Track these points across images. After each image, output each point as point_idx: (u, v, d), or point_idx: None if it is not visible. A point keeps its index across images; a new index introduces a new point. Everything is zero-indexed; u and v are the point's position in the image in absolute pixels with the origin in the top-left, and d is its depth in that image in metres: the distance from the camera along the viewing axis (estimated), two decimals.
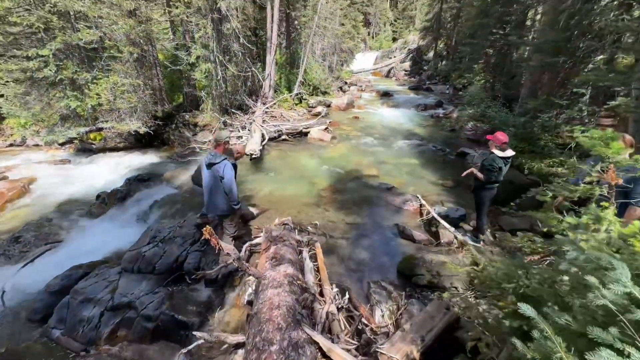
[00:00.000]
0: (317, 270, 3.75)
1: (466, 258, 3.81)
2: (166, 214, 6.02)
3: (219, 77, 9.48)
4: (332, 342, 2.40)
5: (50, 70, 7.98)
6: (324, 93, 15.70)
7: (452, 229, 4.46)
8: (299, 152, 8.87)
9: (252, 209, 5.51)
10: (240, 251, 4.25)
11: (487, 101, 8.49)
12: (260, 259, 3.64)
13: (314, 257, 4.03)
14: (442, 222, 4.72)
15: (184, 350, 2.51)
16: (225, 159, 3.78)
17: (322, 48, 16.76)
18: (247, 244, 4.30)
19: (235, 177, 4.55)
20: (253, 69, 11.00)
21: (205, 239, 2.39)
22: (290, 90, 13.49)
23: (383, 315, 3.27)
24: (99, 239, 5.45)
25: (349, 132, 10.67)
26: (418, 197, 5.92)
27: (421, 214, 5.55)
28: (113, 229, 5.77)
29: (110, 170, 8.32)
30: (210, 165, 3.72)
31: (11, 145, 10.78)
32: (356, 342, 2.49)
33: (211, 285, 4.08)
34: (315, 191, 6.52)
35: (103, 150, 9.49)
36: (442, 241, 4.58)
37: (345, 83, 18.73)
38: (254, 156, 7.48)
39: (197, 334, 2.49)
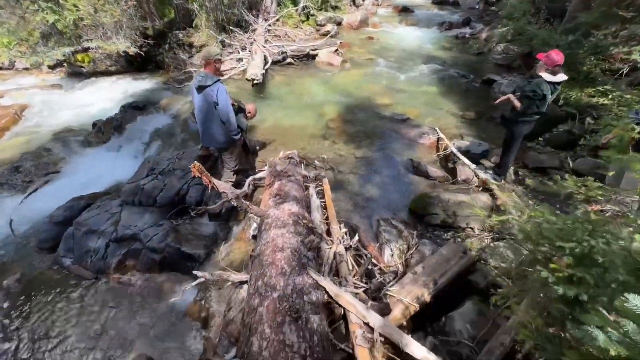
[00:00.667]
0: (325, 208, 3.51)
1: (486, 198, 3.49)
2: (165, 145, 5.70)
3: None
4: (340, 285, 2.25)
5: None
6: (334, 8, 13.64)
7: (473, 165, 4.05)
8: (305, 77, 8.02)
9: (255, 141, 5.11)
10: (243, 186, 4.01)
11: (529, 15, 7.11)
12: (263, 195, 3.39)
13: (321, 194, 3.77)
14: (462, 157, 4.29)
15: (186, 287, 2.42)
16: (219, 80, 3.23)
17: None
18: (250, 179, 4.02)
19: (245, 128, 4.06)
20: None
21: (194, 176, 2.08)
22: (295, 3, 11.68)
23: (392, 255, 3.13)
24: (98, 169, 5.26)
25: (362, 55, 9.50)
26: (435, 130, 5.38)
27: (438, 149, 5.09)
28: (112, 159, 5.54)
29: (103, 96, 7.75)
30: (200, 89, 3.21)
31: (0, 69, 10.04)
32: (365, 285, 2.35)
33: (215, 219, 3.96)
34: (323, 122, 5.99)
35: (94, 74, 8.73)
36: (459, 179, 4.23)
37: None
38: (255, 82, 6.75)
39: (199, 273, 2.37)
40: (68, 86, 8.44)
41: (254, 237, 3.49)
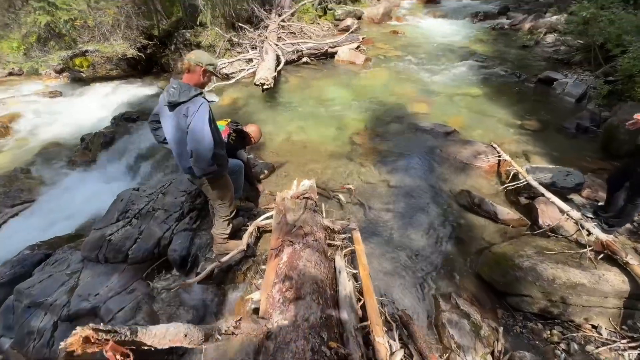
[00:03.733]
0: (357, 274, 2.30)
1: (617, 275, 2.14)
2: (158, 166, 4.62)
3: None
4: None
5: None
6: (354, 1, 12.26)
7: (575, 213, 2.68)
8: (324, 79, 6.76)
9: (261, 164, 3.94)
10: (242, 235, 2.86)
11: None
12: (266, 272, 2.20)
13: (349, 251, 2.57)
14: (553, 197, 2.92)
15: None
16: (200, 94, 2.07)
17: None
18: (252, 226, 2.86)
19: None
20: None
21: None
22: None
23: None
24: (78, 198, 4.26)
25: (387, 52, 8.11)
26: (495, 148, 4.03)
27: (500, 175, 3.76)
28: (97, 184, 4.52)
29: (101, 104, 6.81)
30: (173, 107, 2.05)
31: (10, 74, 9.39)
32: None
33: (205, 281, 2.83)
34: (346, 136, 4.75)
35: (95, 79, 7.84)
36: (542, 223, 2.91)
37: None
38: (266, 87, 5.57)
39: None
40: (68, 93, 7.58)
41: (256, 310, 2.34)
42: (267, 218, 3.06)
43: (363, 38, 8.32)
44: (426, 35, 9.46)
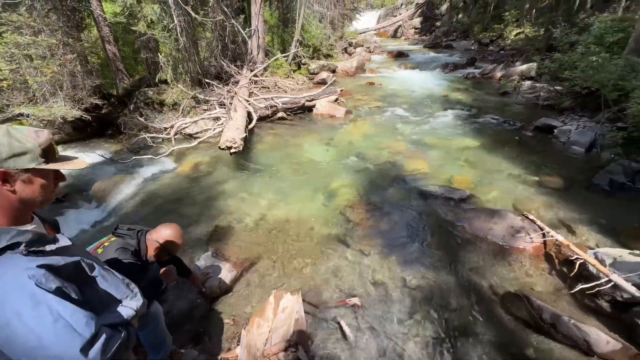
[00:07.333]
0: None
1: None
2: None
3: (174, 28, 6.19)
4: None
5: None
6: (327, 56, 12.22)
7: None
8: (303, 136, 5.87)
9: (222, 266, 2.66)
10: None
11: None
12: None
13: None
14: None
15: None
16: (15, 246, 0.77)
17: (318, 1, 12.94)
18: None
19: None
20: (233, 21, 7.61)
21: None
22: (285, 52, 10.09)
23: None
24: None
25: (368, 103, 7.54)
26: (534, 221, 3.06)
27: (550, 258, 2.72)
28: None
29: None
30: None
31: None
32: None
33: None
34: (336, 210, 3.64)
35: None
36: None
37: (350, 44, 15.03)
38: (233, 150, 4.51)
39: None
40: None
41: None
42: None
43: (341, 90, 7.77)
44: (403, 86, 9.17)
